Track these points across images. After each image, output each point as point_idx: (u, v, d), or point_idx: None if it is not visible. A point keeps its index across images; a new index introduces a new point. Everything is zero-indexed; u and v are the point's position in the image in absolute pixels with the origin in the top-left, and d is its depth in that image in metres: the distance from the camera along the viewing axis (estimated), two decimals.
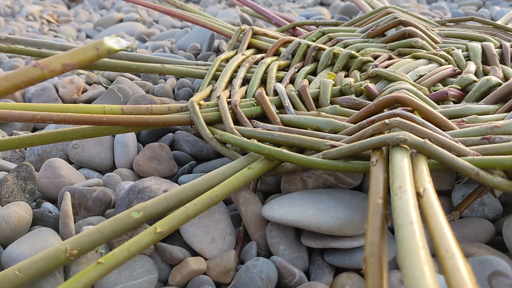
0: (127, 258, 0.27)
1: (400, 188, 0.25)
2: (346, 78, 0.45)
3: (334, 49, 0.50)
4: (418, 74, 0.45)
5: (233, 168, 0.34)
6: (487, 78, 0.41)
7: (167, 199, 0.30)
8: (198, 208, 0.30)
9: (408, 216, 0.22)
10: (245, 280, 0.30)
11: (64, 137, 0.36)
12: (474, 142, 0.32)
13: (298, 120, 0.38)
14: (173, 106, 0.39)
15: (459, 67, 0.46)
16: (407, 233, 0.21)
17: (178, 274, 0.31)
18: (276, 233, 0.33)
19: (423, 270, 0.19)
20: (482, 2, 0.99)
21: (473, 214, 0.35)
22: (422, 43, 0.51)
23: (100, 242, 0.28)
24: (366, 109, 0.36)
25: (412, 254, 0.20)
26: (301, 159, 0.32)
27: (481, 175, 0.29)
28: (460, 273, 0.20)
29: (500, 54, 0.49)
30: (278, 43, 0.54)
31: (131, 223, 0.29)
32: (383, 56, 0.49)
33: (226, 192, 0.32)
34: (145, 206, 0.29)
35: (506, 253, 0.31)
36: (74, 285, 0.24)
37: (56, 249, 0.27)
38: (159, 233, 0.28)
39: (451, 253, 0.21)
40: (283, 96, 0.41)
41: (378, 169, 0.29)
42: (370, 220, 0.25)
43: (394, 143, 0.29)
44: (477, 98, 0.41)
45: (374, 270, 0.23)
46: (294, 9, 1.05)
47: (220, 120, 0.39)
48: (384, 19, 0.58)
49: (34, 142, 0.36)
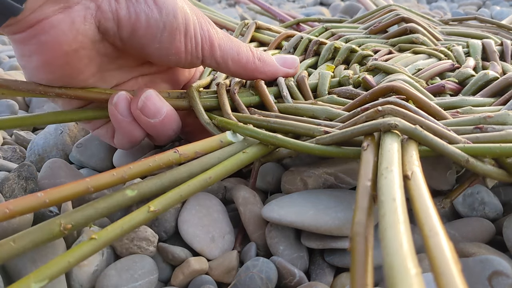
0: (119, 235, 0.27)
1: (386, 169, 0.25)
2: (345, 70, 0.46)
3: (335, 43, 0.51)
4: (417, 67, 0.45)
5: (228, 152, 0.34)
6: (485, 72, 0.42)
7: (161, 179, 0.31)
8: (191, 189, 0.30)
9: (392, 194, 0.23)
10: (245, 280, 0.30)
11: (65, 118, 0.37)
12: (467, 131, 0.32)
13: (294, 108, 0.38)
14: (172, 92, 0.40)
15: (458, 63, 0.47)
16: (388, 209, 0.22)
17: (180, 274, 0.31)
18: (276, 233, 0.33)
19: (401, 241, 0.19)
20: (482, 2, 0.99)
21: (474, 214, 0.35)
22: (423, 39, 0.52)
23: (93, 218, 0.28)
24: (361, 97, 0.37)
25: (392, 227, 0.20)
26: (295, 144, 0.33)
27: (471, 162, 0.29)
28: (442, 250, 0.20)
29: (500, 51, 0.49)
30: (280, 37, 0.54)
31: (125, 201, 0.29)
32: (383, 50, 0.50)
33: (219, 175, 0.32)
34: (139, 185, 0.30)
35: (506, 253, 0.31)
36: (67, 259, 0.25)
37: (50, 222, 0.27)
38: (152, 212, 0.28)
39: (434, 232, 0.21)
40: (282, 86, 0.42)
41: (368, 153, 0.29)
42: (358, 201, 0.26)
43: (385, 128, 0.30)
44: (474, 92, 0.41)
45: (360, 248, 0.23)
46: (294, 9, 1.05)
47: (218, 107, 0.39)
48: (387, 16, 0.59)
49: (35, 122, 0.37)
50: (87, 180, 0.27)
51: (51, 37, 0.32)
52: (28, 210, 0.25)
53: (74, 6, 0.32)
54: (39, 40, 0.32)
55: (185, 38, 0.37)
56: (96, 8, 0.33)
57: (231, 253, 0.33)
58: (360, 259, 0.23)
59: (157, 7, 0.35)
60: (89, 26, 0.33)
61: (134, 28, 0.35)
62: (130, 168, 0.29)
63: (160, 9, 0.35)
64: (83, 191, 0.27)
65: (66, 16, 0.32)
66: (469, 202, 0.35)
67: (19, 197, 0.36)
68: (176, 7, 0.35)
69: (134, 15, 0.34)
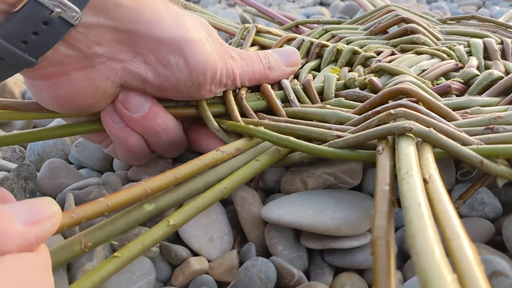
0: (141, 251, 0.27)
1: (407, 173, 0.25)
2: (350, 73, 0.46)
3: (337, 45, 0.51)
4: (421, 68, 0.45)
5: (241, 160, 0.34)
6: (489, 71, 0.42)
7: (178, 192, 0.31)
8: (207, 201, 0.30)
9: (416, 199, 0.23)
10: (244, 280, 0.30)
11: (74, 131, 0.37)
12: (478, 132, 0.32)
13: (303, 112, 0.38)
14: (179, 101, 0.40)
15: (461, 62, 0.47)
16: (415, 214, 0.22)
17: (181, 275, 0.31)
18: (275, 233, 0.33)
19: (432, 247, 0.19)
20: (482, 2, 1.00)
21: (473, 214, 0.35)
22: (424, 39, 0.52)
23: (114, 234, 0.28)
24: (371, 100, 0.37)
25: (421, 233, 0.20)
26: (308, 147, 0.33)
27: (485, 164, 0.29)
28: (465, 253, 0.20)
29: (501, 50, 0.50)
30: (282, 40, 0.54)
31: (143, 215, 0.29)
32: (386, 51, 0.50)
33: (234, 184, 0.32)
34: (157, 199, 0.30)
35: (506, 253, 0.31)
36: (91, 279, 0.24)
37: (70, 241, 0.27)
38: (172, 226, 0.28)
39: (456, 234, 0.21)
40: (288, 90, 0.42)
41: (384, 157, 0.29)
42: (377, 205, 0.26)
43: (400, 132, 0.30)
44: (479, 91, 0.42)
45: (382, 252, 0.23)
46: (294, 9, 1.05)
47: (225, 113, 0.39)
48: (386, 16, 0.59)
49: (44, 136, 0.37)
50: (143, 183, 0.28)
51: (68, 92, 0.32)
52: (94, 216, 0.26)
53: (97, 65, 0.31)
54: (54, 92, 0.32)
55: (210, 85, 0.37)
56: (122, 68, 0.32)
57: (231, 252, 0.33)
58: (382, 263, 0.23)
59: (188, 69, 0.34)
60: (111, 85, 0.33)
61: (161, 87, 0.34)
62: (180, 169, 0.30)
63: (191, 70, 0.34)
64: (141, 193, 0.28)
65: (86, 74, 0.31)
66: (469, 202, 0.35)
67: (18, 197, 0.36)
68: (207, 65, 0.35)
69: (164, 78, 0.34)
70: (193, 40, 0.33)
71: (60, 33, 0.28)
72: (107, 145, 0.40)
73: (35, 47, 0.28)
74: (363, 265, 0.31)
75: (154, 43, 0.32)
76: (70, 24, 0.28)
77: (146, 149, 0.38)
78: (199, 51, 0.34)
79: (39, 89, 0.33)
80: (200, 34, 0.35)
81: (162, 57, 0.33)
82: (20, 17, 0.26)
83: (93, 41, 0.30)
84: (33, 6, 0.26)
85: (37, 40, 0.27)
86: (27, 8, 0.26)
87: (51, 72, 0.31)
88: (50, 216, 0.21)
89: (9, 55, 0.27)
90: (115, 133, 0.36)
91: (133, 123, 0.36)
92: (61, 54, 0.29)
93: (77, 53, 0.30)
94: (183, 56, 0.33)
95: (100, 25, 0.29)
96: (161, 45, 0.32)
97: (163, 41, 0.32)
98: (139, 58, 0.32)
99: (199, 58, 0.34)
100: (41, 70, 0.30)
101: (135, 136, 0.36)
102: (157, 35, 0.32)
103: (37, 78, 0.31)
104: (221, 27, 0.61)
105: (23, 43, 0.27)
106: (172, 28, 0.33)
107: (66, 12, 0.27)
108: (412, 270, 0.30)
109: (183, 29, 0.33)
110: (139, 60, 0.32)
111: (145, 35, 0.31)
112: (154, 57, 0.33)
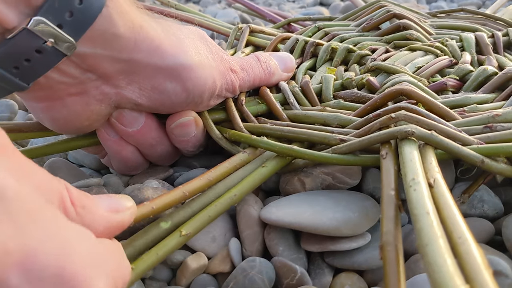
0: (155, 262, 0.27)
1: (413, 180, 0.26)
2: (346, 72, 0.46)
3: (332, 44, 0.51)
4: (416, 66, 0.46)
5: (249, 168, 0.34)
6: (484, 67, 0.43)
7: (192, 207, 0.31)
8: (218, 209, 0.31)
9: (425, 207, 0.23)
10: (244, 282, 0.30)
11: (75, 145, 0.37)
12: (477, 131, 0.33)
13: (304, 115, 0.39)
14: None
15: (454, 58, 0.48)
16: (425, 223, 0.22)
17: (182, 277, 0.31)
18: (275, 235, 0.33)
19: (444, 257, 0.20)
20: (481, 2, 1.00)
21: (473, 211, 0.35)
22: (417, 35, 0.53)
23: (133, 257, 0.28)
24: (371, 102, 0.37)
25: (433, 242, 0.21)
26: (312, 154, 0.33)
27: (486, 163, 0.30)
28: (473, 257, 0.21)
29: (492, 44, 0.50)
30: (275, 40, 0.54)
31: (160, 234, 0.29)
32: (380, 49, 0.50)
33: (244, 191, 0.33)
34: (172, 216, 0.30)
35: (506, 253, 0.31)
36: None
37: None
38: (184, 236, 0.29)
39: (463, 239, 0.22)
40: (287, 92, 0.42)
41: (388, 162, 0.30)
42: (384, 210, 0.27)
43: (402, 136, 0.30)
44: (475, 88, 0.42)
45: (391, 257, 0.24)
46: (294, 9, 1.05)
47: (227, 119, 0.40)
48: (377, 12, 0.59)
49: (46, 152, 0.37)
50: (181, 187, 0.31)
51: (63, 115, 0.32)
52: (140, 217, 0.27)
53: (91, 91, 0.31)
54: (49, 114, 0.32)
55: (208, 102, 0.37)
56: (116, 93, 0.32)
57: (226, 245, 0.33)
58: (392, 269, 0.24)
59: (185, 93, 0.34)
60: (105, 107, 0.33)
61: (156, 109, 0.34)
62: (212, 172, 0.33)
63: (188, 94, 0.34)
64: (181, 197, 0.30)
65: (80, 99, 0.31)
66: (469, 200, 0.35)
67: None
68: (205, 88, 0.35)
69: (159, 102, 0.34)
70: (193, 65, 0.33)
71: (52, 62, 0.28)
72: (103, 156, 0.41)
73: (27, 73, 0.28)
74: (363, 266, 0.31)
75: (152, 71, 0.32)
76: (63, 54, 0.28)
77: (140, 160, 0.38)
78: (198, 75, 0.34)
79: (35, 110, 0.33)
80: (200, 55, 0.34)
81: (159, 84, 0.33)
82: (13, 44, 0.26)
83: (87, 69, 0.30)
84: (27, 34, 0.26)
85: (28, 66, 0.27)
86: (20, 36, 0.26)
87: (44, 96, 0.31)
88: (128, 207, 0.25)
89: (0, 78, 0.27)
90: (110, 146, 0.36)
91: (127, 137, 0.36)
92: (53, 80, 0.29)
93: (70, 80, 0.30)
94: (181, 81, 0.33)
95: (96, 55, 0.29)
96: (159, 73, 0.32)
97: (161, 69, 0.32)
98: (134, 85, 0.32)
99: (197, 82, 0.34)
100: (34, 93, 0.30)
101: (129, 148, 0.37)
102: (155, 64, 0.32)
103: (31, 100, 0.31)
104: (214, 28, 0.61)
105: (14, 69, 0.27)
106: (171, 55, 0.32)
107: (60, 43, 0.27)
108: (411, 270, 0.31)
109: (182, 54, 0.33)
110: (134, 87, 0.32)
111: (143, 64, 0.31)
112: (150, 85, 0.32)
